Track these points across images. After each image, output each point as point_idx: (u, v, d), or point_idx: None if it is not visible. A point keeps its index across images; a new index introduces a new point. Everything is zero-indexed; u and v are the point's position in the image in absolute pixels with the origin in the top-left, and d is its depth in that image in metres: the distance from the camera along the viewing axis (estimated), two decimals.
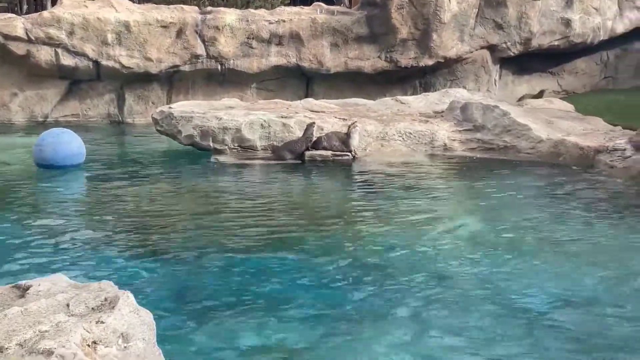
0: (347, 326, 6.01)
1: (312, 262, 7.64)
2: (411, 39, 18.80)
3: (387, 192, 10.91)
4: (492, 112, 14.03)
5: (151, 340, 3.95)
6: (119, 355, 3.73)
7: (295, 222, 9.20)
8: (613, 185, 11.20)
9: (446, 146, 13.89)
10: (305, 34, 18.74)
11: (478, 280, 7.11)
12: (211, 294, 6.76)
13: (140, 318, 3.96)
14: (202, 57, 18.54)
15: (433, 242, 8.38)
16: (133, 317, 3.93)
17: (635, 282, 7.09)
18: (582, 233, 8.72)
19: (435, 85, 19.37)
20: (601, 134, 13.57)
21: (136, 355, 3.78)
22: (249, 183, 11.73)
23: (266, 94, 18.92)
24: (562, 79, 21.02)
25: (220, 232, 8.77)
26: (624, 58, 21.37)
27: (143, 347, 3.84)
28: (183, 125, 13.83)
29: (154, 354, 3.91)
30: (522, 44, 19.50)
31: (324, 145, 13.32)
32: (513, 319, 6.18)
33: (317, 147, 13.34)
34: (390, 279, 7.09)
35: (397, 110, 15.44)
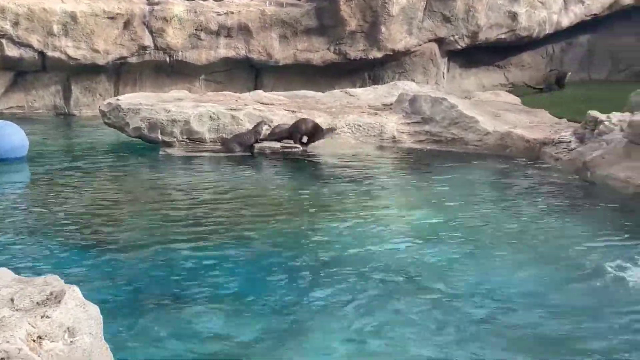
0: (297, 318, 6.01)
1: (261, 255, 7.63)
2: (360, 31, 18.84)
3: (336, 184, 10.93)
4: (440, 104, 14.15)
5: (98, 335, 3.89)
6: (65, 350, 3.67)
7: (245, 215, 9.17)
8: (558, 177, 11.37)
9: (395, 138, 13.96)
10: (254, 26, 18.65)
11: (426, 272, 7.15)
12: (159, 287, 6.70)
13: (87, 312, 3.90)
14: (150, 48, 18.35)
15: (381, 233, 8.43)
16: (79, 311, 3.87)
17: (576, 274, 7.20)
18: (526, 225, 8.83)
19: (384, 78, 19.46)
20: (547, 126, 13.78)
21: (83, 349, 3.73)
22: (198, 176, 11.65)
23: (215, 86, 18.80)
24: (509, 72, 21.28)
25: (169, 224, 8.70)
26: (569, 51, 21.72)
27: (90, 341, 3.79)
28: (131, 118, 13.68)
29: (100, 348, 3.86)
30: (470, 37, 19.68)
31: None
32: (459, 310, 6.23)
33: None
34: (340, 272, 7.10)
35: (346, 102, 15.47)
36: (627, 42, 21.19)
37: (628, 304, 6.45)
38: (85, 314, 3.90)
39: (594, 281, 6.97)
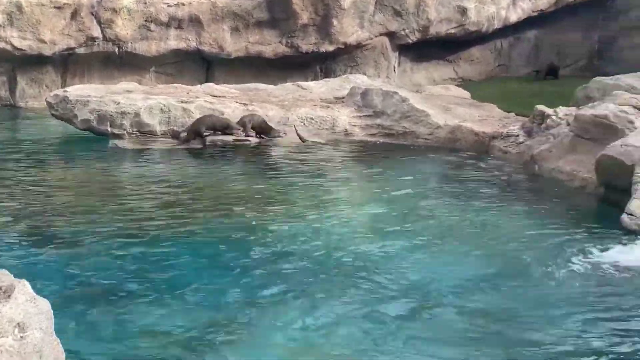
0: (243, 313, 6.01)
1: (214, 247, 7.63)
2: (312, 24, 18.84)
3: (287, 177, 10.95)
4: (392, 98, 14.23)
5: (49, 330, 3.85)
6: (15, 345, 3.62)
7: (195, 208, 9.14)
8: (506, 171, 11.55)
9: (347, 131, 14.01)
10: (205, 18, 18.52)
11: (373, 265, 7.22)
12: (110, 280, 6.65)
13: (37, 307, 3.85)
14: (99, 39, 18.10)
15: (332, 226, 8.48)
16: (30, 306, 3.82)
17: (522, 265, 7.33)
18: (475, 217, 8.97)
19: (335, 71, 19.48)
20: (496, 120, 13.97)
21: (33, 345, 3.68)
22: (148, 168, 11.56)
23: (165, 78, 18.63)
24: (458, 67, 21.47)
25: (118, 218, 8.63)
26: (517, 46, 22.00)
27: (40, 336, 3.74)
28: (79, 110, 13.49)
29: (51, 343, 3.82)
30: (420, 32, 19.81)
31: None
32: (405, 301, 6.31)
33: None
34: (288, 266, 7.14)
35: (298, 95, 15.47)
36: (573, 37, 21.58)
37: (572, 293, 6.60)
38: (35, 308, 3.84)
39: (540, 271, 7.12)
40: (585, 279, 6.93)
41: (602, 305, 6.34)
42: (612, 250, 7.60)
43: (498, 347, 5.53)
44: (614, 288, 6.77)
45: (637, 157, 8.88)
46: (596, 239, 7.97)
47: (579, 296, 6.52)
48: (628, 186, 8.73)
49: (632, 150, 9.05)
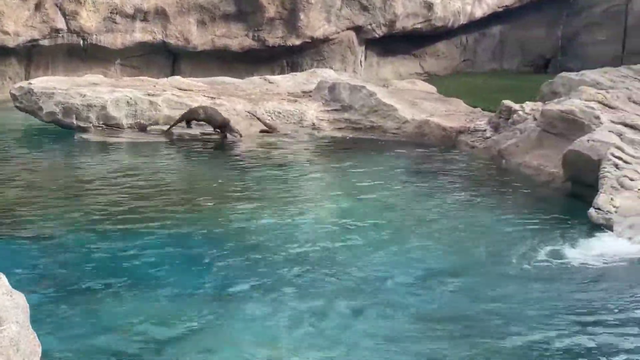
0: (213, 308, 6.02)
1: (182, 242, 7.62)
2: (279, 18, 18.80)
3: (256, 171, 10.95)
4: (359, 92, 14.27)
5: (25, 323, 3.83)
6: None
7: (163, 202, 9.10)
8: (474, 165, 11.65)
9: (315, 125, 14.02)
10: (172, 10, 18.36)
11: (343, 259, 7.26)
12: (82, 274, 6.63)
13: (13, 301, 3.83)
14: (63, 31, 17.85)
15: (299, 220, 8.50)
16: (6, 299, 3.80)
17: (489, 259, 7.41)
18: (443, 211, 9.05)
19: (302, 65, 19.46)
20: (462, 115, 14.08)
21: (10, 338, 3.66)
22: (115, 162, 11.48)
23: (131, 71, 18.44)
24: (424, 62, 21.58)
25: (87, 210, 8.58)
26: (482, 41, 22.16)
27: (17, 330, 3.72)
28: (44, 102, 13.32)
29: (28, 337, 3.80)
30: (387, 26, 19.86)
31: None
32: (366, 296, 6.35)
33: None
34: (258, 259, 7.15)
35: (265, 89, 15.43)
36: (537, 33, 21.80)
37: (538, 287, 6.69)
38: (11, 302, 3.82)
39: (506, 266, 7.20)
40: (553, 274, 7.03)
41: (568, 299, 6.41)
42: (579, 244, 7.72)
43: (459, 343, 5.57)
44: (580, 282, 6.87)
45: (603, 152, 9.01)
46: (563, 233, 8.09)
47: (544, 291, 6.60)
48: (594, 181, 8.86)
49: (598, 145, 9.18)
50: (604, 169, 8.77)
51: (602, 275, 7.04)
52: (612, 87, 11.43)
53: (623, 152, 9.04)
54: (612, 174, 8.67)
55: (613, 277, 7.02)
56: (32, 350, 3.78)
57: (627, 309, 6.19)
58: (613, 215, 8.16)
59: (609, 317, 6.00)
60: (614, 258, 7.38)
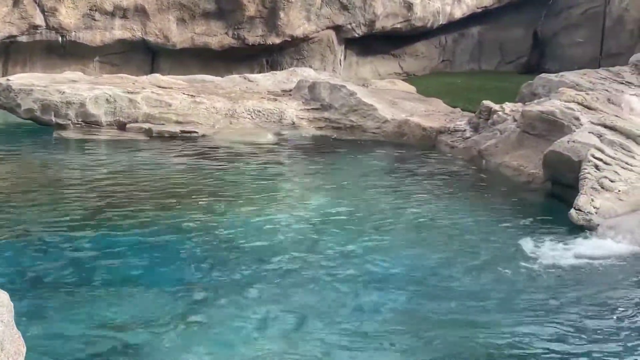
0: (197, 305, 6.01)
1: (160, 239, 7.62)
2: (259, 16, 18.75)
3: (235, 170, 10.91)
4: (340, 91, 14.28)
5: (10, 322, 3.79)
6: None
7: (142, 200, 9.06)
8: (453, 165, 11.69)
9: (294, 124, 14.01)
10: (151, 8, 18.25)
11: (323, 258, 7.25)
12: (61, 273, 6.59)
13: None
14: (42, 27, 17.68)
15: (279, 220, 8.49)
16: None
17: (470, 259, 7.44)
18: (422, 212, 9.07)
19: (282, 64, 19.43)
20: (442, 115, 14.13)
21: None
22: (94, 160, 11.40)
23: (110, 69, 18.32)
24: (404, 62, 21.61)
25: (66, 208, 8.53)
26: (461, 42, 22.23)
27: (1, 329, 3.69)
28: (22, 99, 13.21)
29: (12, 336, 3.76)
30: (367, 26, 19.88)
31: None
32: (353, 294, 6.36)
33: None
34: (238, 259, 7.15)
35: (245, 87, 15.41)
36: (515, 34, 21.93)
37: (518, 289, 6.72)
38: None
39: (485, 267, 7.22)
40: (532, 274, 7.06)
41: (547, 300, 6.45)
42: (559, 245, 7.77)
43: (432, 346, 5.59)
44: (560, 283, 6.91)
45: (583, 153, 9.08)
46: (544, 233, 8.14)
47: (523, 291, 6.63)
48: (575, 182, 8.93)
49: (579, 146, 9.25)
50: (585, 170, 8.84)
51: (582, 276, 7.08)
52: (592, 88, 11.53)
53: (603, 153, 9.12)
54: (592, 175, 8.75)
55: (593, 277, 7.07)
56: (16, 349, 3.75)
57: (608, 309, 6.24)
58: (593, 216, 8.23)
59: (590, 317, 6.05)
60: (595, 259, 7.42)
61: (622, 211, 8.37)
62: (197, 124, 13.51)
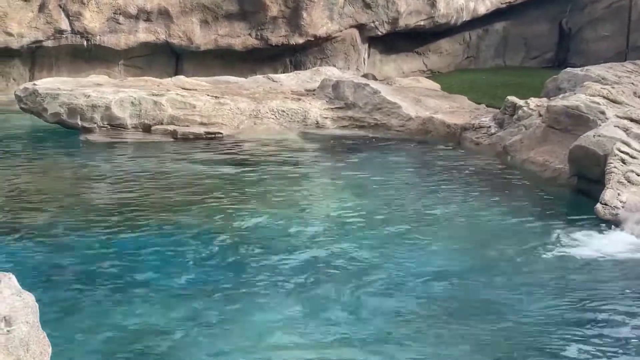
0: (223, 306, 6.03)
1: (187, 241, 7.64)
2: (282, 17, 18.78)
3: (261, 170, 10.93)
4: (363, 90, 14.26)
5: (35, 324, 3.82)
6: (2, 339, 3.60)
7: (169, 201, 9.11)
8: (479, 162, 11.63)
9: (318, 124, 14.01)
10: (175, 11, 18.36)
11: (351, 257, 7.25)
12: (88, 274, 6.65)
13: (23, 301, 3.83)
14: (67, 32, 17.86)
15: (307, 219, 8.50)
16: (16, 300, 3.79)
17: (501, 255, 7.41)
18: (450, 208, 9.05)
19: (305, 64, 19.44)
20: (466, 112, 14.07)
21: (20, 339, 3.66)
22: (120, 162, 11.48)
23: (134, 71, 18.44)
24: (428, 59, 21.53)
25: (93, 211, 8.59)
26: (485, 38, 22.10)
27: (27, 330, 3.72)
28: (49, 103, 13.33)
29: (38, 337, 3.80)
30: (390, 24, 19.83)
31: None
32: (386, 296, 6.34)
33: None
34: (265, 258, 7.16)
35: (269, 88, 15.43)
36: (540, 29, 21.77)
37: (547, 284, 6.70)
38: (21, 302, 3.82)
39: (514, 262, 7.20)
40: (561, 270, 7.02)
41: (577, 295, 6.41)
42: (587, 240, 7.72)
43: (470, 339, 5.58)
44: (589, 277, 6.87)
45: (609, 147, 9.00)
46: (571, 228, 8.08)
47: (553, 287, 6.60)
48: (601, 176, 8.85)
49: (604, 140, 9.17)
50: (611, 164, 8.75)
51: (610, 270, 7.04)
52: (617, 82, 11.41)
53: (629, 147, 9.03)
54: (618, 169, 8.66)
55: (621, 272, 7.02)
56: (42, 350, 3.79)
57: (636, 304, 6.18)
58: (620, 210, 8.15)
59: (619, 313, 6.00)
60: (622, 253, 7.37)
61: None
62: (221, 125, 13.56)
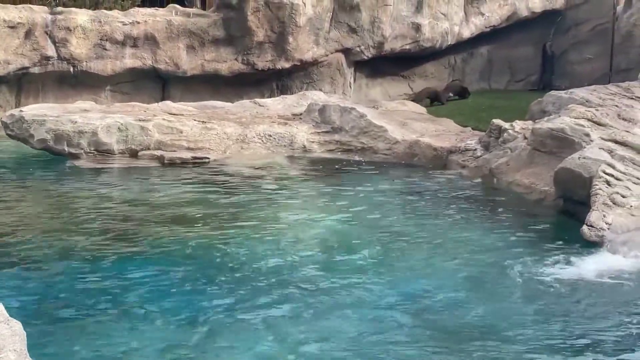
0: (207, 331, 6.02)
1: (172, 267, 7.61)
2: (268, 41, 18.88)
3: (247, 194, 10.94)
4: (350, 114, 14.33)
5: (23, 351, 3.82)
6: None
7: (156, 227, 9.08)
8: (465, 184, 11.69)
9: (306, 148, 14.06)
10: (161, 36, 18.44)
11: (336, 283, 7.23)
12: (74, 301, 6.62)
13: (11, 329, 3.83)
14: (53, 58, 17.89)
15: (292, 244, 8.50)
16: (3, 327, 3.80)
17: (486, 277, 7.43)
18: (436, 231, 9.06)
19: (292, 88, 19.53)
20: (452, 134, 14.16)
21: None
22: (107, 188, 11.45)
23: (121, 97, 18.47)
24: (413, 82, 21.67)
25: (79, 237, 8.56)
26: (470, 62, 22.31)
27: (15, 358, 3.72)
28: (35, 129, 13.32)
29: None
30: (376, 48, 19.98)
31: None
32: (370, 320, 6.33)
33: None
34: (251, 283, 7.13)
35: (255, 112, 15.49)
36: (524, 52, 22.00)
37: (533, 306, 6.70)
38: (9, 330, 3.82)
39: (500, 285, 7.21)
40: (547, 292, 7.03)
41: (562, 316, 6.43)
42: (572, 261, 7.75)
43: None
44: (575, 299, 6.89)
45: (594, 169, 9.06)
46: (556, 250, 8.12)
47: (539, 309, 6.61)
48: (586, 198, 8.90)
49: (590, 162, 9.23)
50: (596, 186, 8.81)
51: (596, 292, 7.06)
52: (601, 104, 11.50)
53: (614, 169, 9.10)
54: (603, 191, 8.72)
55: (607, 294, 7.04)
56: None
57: (623, 326, 6.21)
58: (606, 232, 8.20)
59: (605, 334, 6.02)
60: (608, 275, 7.40)
61: (635, 226, 8.34)
62: (208, 150, 13.59)
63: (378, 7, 19.58)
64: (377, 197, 10.82)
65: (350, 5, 19.38)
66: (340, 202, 10.55)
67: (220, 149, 13.64)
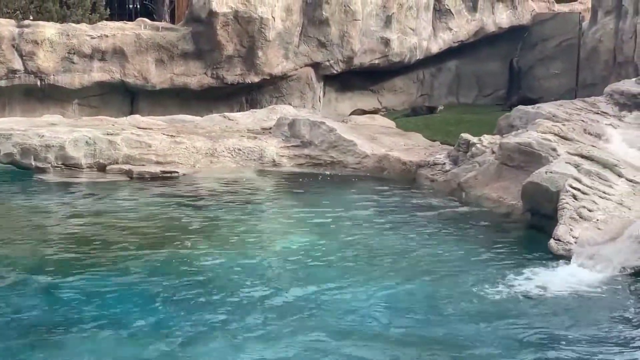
0: (170, 348, 5.97)
1: (141, 282, 7.56)
2: (237, 55, 18.87)
3: (216, 209, 10.91)
4: (319, 128, 14.37)
5: None
6: None
7: (122, 242, 9.01)
8: (434, 198, 11.74)
9: (275, 162, 14.07)
10: (130, 50, 18.34)
11: (305, 297, 7.22)
12: (43, 317, 6.55)
13: None
14: (20, 72, 17.72)
15: (261, 259, 8.48)
16: None
17: (453, 291, 7.45)
18: (404, 245, 9.07)
19: (261, 102, 19.53)
20: (421, 149, 14.25)
21: None
22: (73, 202, 11.36)
23: (89, 111, 18.34)
24: (382, 97, 21.78)
25: (45, 252, 8.50)
26: (439, 76, 22.48)
27: None
28: (2, 143, 13.20)
29: None
30: (345, 62, 20.06)
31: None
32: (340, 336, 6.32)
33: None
34: (219, 299, 7.10)
35: (225, 126, 15.47)
36: (492, 67, 22.20)
37: (501, 314, 6.74)
38: None
39: (465, 297, 7.23)
40: (513, 305, 7.07)
41: (527, 331, 6.44)
42: (540, 275, 7.81)
43: None
44: (541, 313, 6.93)
45: (561, 183, 9.16)
46: (524, 264, 8.18)
47: (504, 323, 6.62)
48: (553, 212, 8.99)
49: (556, 177, 9.33)
50: (563, 200, 8.91)
51: (562, 306, 7.11)
52: (568, 119, 11.64)
53: (580, 183, 9.20)
54: (570, 205, 8.81)
55: (574, 307, 7.10)
56: None
57: (588, 340, 6.26)
58: (573, 245, 8.29)
59: (572, 348, 6.06)
60: (575, 288, 7.47)
61: (601, 240, 8.42)
62: (177, 164, 13.54)
63: (347, 22, 19.67)
64: (345, 211, 10.83)
65: (319, 19, 19.45)
66: (309, 217, 10.55)
67: (189, 163, 13.60)
